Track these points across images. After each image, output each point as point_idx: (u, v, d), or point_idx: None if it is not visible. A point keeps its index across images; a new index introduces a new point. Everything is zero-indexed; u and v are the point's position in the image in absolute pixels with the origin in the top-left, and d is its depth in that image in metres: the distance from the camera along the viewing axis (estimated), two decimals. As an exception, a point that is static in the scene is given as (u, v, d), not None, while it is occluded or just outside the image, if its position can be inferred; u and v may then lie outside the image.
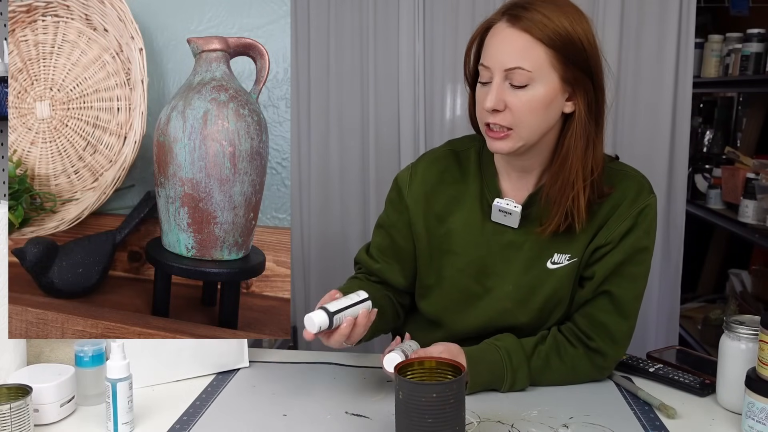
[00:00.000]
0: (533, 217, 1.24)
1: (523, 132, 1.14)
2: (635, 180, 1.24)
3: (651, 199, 1.24)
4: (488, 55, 1.15)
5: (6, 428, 0.98)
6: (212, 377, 1.28)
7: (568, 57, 1.12)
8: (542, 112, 1.14)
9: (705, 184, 3.23)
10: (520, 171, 1.24)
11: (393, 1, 2.38)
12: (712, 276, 3.67)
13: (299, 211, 2.55)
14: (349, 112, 2.47)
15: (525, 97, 1.12)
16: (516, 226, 1.24)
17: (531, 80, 1.11)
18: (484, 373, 1.18)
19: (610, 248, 1.21)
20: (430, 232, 1.29)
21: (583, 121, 1.15)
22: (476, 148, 1.31)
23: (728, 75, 3.17)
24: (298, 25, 2.45)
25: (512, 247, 1.25)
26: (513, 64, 1.11)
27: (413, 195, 1.30)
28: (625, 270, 1.22)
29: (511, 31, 1.12)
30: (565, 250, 1.23)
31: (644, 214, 1.22)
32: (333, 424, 1.10)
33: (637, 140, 2.34)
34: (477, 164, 1.29)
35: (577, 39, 1.12)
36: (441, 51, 2.38)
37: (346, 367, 1.31)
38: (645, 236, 1.23)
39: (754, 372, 1.04)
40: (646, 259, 1.24)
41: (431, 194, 1.30)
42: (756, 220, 2.73)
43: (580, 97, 1.15)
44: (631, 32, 2.31)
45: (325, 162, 2.50)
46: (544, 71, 1.12)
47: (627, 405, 1.16)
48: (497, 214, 1.24)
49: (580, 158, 1.16)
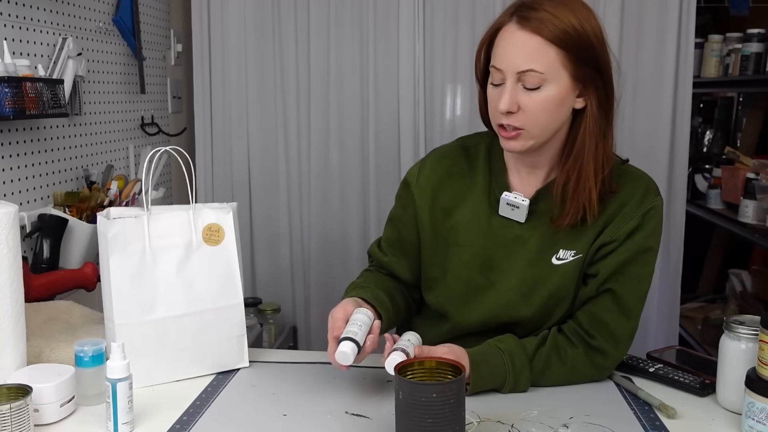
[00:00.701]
0: (541, 213, 1.25)
1: (534, 131, 1.16)
2: (643, 181, 1.25)
3: (657, 201, 1.24)
4: (500, 57, 1.16)
5: (6, 428, 0.98)
6: (212, 377, 1.28)
7: (579, 56, 1.13)
8: (555, 111, 1.15)
9: (705, 184, 3.23)
10: (529, 167, 1.26)
11: (393, 1, 2.38)
12: (712, 276, 3.67)
13: (299, 211, 2.55)
14: (349, 112, 2.47)
15: (538, 98, 1.14)
16: (523, 221, 1.25)
17: (543, 81, 1.13)
18: (487, 378, 1.18)
19: (616, 246, 1.21)
20: (436, 225, 1.31)
21: (595, 117, 1.17)
22: (486, 143, 1.32)
23: (728, 75, 3.17)
24: (298, 25, 2.45)
25: (518, 241, 1.26)
26: (525, 67, 1.12)
27: (420, 188, 1.33)
28: (630, 270, 1.22)
29: (522, 34, 1.13)
30: (571, 247, 1.23)
31: (650, 215, 1.22)
32: (333, 424, 1.10)
33: (637, 140, 2.34)
34: (486, 159, 1.31)
35: (587, 37, 1.13)
36: (441, 51, 2.38)
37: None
38: (650, 237, 1.23)
39: (754, 372, 1.04)
40: (651, 261, 1.25)
41: (438, 188, 1.32)
42: (756, 220, 2.73)
43: (591, 93, 1.16)
44: (631, 32, 2.31)
45: (325, 162, 2.50)
46: (555, 71, 1.13)
47: (627, 405, 1.16)
48: (505, 207, 1.26)
49: (592, 153, 1.18)
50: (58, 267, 1.66)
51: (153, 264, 1.24)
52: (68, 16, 1.86)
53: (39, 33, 1.73)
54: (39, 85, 1.55)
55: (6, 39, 1.57)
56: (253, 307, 2.44)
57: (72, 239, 1.70)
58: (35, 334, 1.31)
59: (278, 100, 2.50)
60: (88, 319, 1.43)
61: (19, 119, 1.57)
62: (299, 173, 2.53)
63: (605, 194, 1.21)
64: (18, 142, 1.65)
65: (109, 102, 2.09)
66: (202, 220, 1.29)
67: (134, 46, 2.18)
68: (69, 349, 1.24)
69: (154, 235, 1.24)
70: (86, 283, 1.56)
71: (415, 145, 2.41)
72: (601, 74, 1.16)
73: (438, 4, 2.37)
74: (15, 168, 1.65)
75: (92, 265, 1.57)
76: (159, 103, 2.42)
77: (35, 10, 1.72)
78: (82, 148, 1.94)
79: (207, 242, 1.28)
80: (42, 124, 1.75)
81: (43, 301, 1.48)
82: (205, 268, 1.27)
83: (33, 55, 1.71)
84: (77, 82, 1.84)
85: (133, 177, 2.17)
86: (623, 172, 1.26)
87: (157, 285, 1.24)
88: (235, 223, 1.31)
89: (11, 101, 1.47)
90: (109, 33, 2.08)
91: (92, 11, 1.98)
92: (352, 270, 2.51)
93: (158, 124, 2.38)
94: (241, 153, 2.54)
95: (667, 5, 2.27)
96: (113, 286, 1.21)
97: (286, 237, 2.57)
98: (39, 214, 1.67)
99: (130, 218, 1.23)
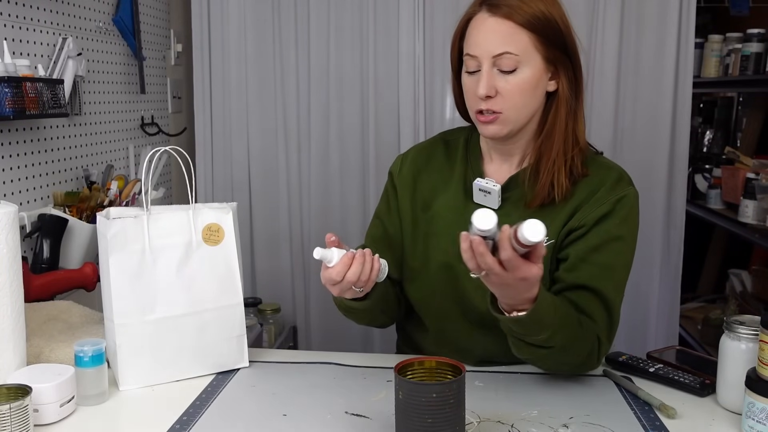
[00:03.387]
0: (515, 199, 1.26)
1: (512, 114, 1.20)
2: (615, 170, 1.28)
3: (630, 191, 1.25)
4: (474, 44, 1.20)
5: (6, 428, 0.98)
6: (212, 377, 1.28)
7: (548, 38, 1.19)
8: (530, 93, 1.20)
9: (705, 184, 3.23)
10: (504, 154, 1.29)
11: (393, 1, 2.38)
12: (712, 276, 3.67)
13: (299, 211, 2.55)
14: (349, 112, 2.47)
15: (514, 81, 1.18)
16: (496, 207, 1.25)
17: (518, 63, 1.17)
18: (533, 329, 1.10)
19: (584, 231, 1.22)
20: (416, 216, 1.34)
21: (566, 96, 1.23)
22: (465, 135, 1.37)
23: (728, 75, 3.17)
24: (298, 25, 2.45)
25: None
26: (500, 50, 1.17)
27: (402, 179, 1.37)
28: (598, 258, 1.21)
29: (494, 20, 1.18)
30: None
31: (622, 203, 1.23)
32: (333, 424, 1.10)
33: (637, 140, 2.34)
34: (464, 150, 1.35)
35: (554, 21, 1.19)
36: (441, 51, 2.38)
37: (346, 367, 1.31)
38: (621, 225, 1.23)
39: (754, 372, 1.04)
40: (622, 250, 1.24)
41: (418, 178, 1.36)
42: (756, 220, 2.72)
43: (561, 74, 1.22)
44: (631, 32, 2.31)
45: (325, 162, 2.50)
46: (529, 54, 1.18)
47: (627, 405, 1.15)
48: (478, 194, 1.28)
49: (562, 131, 1.23)
50: (58, 267, 1.66)
51: (153, 264, 1.24)
52: (68, 16, 1.86)
53: (39, 33, 1.73)
54: (39, 85, 1.55)
55: (6, 39, 1.58)
56: (253, 307, 2.44)
57: (72, 239, 1.70)
58: (35, 334, 1.31)
59: (278, 100, 2.50)
60: (87, 319, 1.43)
61: (19, 119, 1.57)
62: (299, 173, 2.53)
63: (577, 176, 1.24)
64: (18, 142, 1.66)
65: (109, 102, 2.09)
66: (202, 220, 1.29)
67: (134, 46, 2.18)
68: (69, 349, 1.24)
69: (153, 235, 1.24)
70: (86, 283, 1.57)
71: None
72: (570, 57, 1.22)
73: (438, 4, 2.37)
74: (15, 168, 1.65)
75: (92, 265, 1.57)
76: (159, 103, 2.42)
77: (35, 10, 1.72)
78: (82, 148, 1.94)
79: (207, 242, 1.28)
80: (42, 124, 1.75)
81: (43, 301, 1.48)
82: (205, 268, 1.27)
83: (33, 55, 1.71)
84: (77, 82, 1.84)
85: (133, 177, 2.17)
86: (596, 161, 1.29)
87: (157, 285, 1.24)
88: (235, 223, 1.31)
89: (11, 101, 1.47)
90: (109, 33, 2.08)
91: (92, 11, 1.98)
92: (352, 270, 2.50)
93: (158, 124, 2.38)
94: (241, 153, 2.54)
95: (667, 5, 2.27)
96: (113, 286, 1.21)
97: (286, 237, 2.57)
98: (39, 214, 1.67)
99: (130, 218, 1.23)
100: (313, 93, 2.47)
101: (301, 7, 2.44)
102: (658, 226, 2.34)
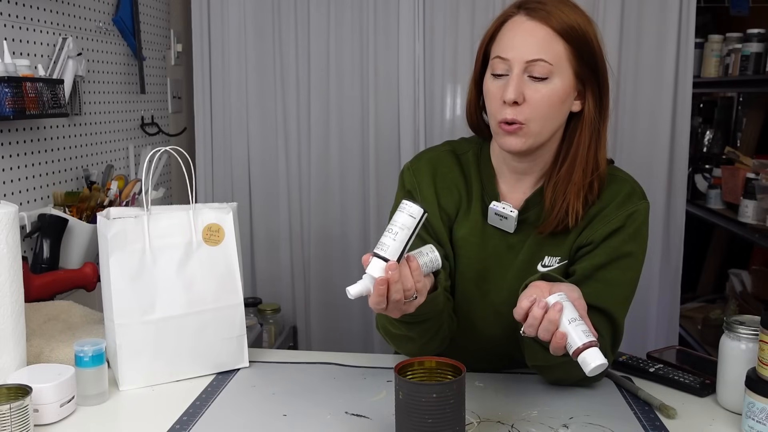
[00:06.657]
0: (531, 221, 1.23)
1: (535, 126, 1.14)
2: (626, 184, 1.24)
3: (641, 205, 1.22)
4: (507, 47, 1.14)
5: (6, 428, 0.98)
6: (212, 377, 1.28)
7: (582, 53, 1.14)
8: (558, 107, 1.15)
9: (705, 184, 3.23)
10: (518, 173, 1.24)
11: (393, 1, 2.39)
12: (712, 276, 3.67)
13: (299, 211, 2.55)
14: (349, 112, 2.47)
15: (544, 90, 1.13)
16: (512, 231, 1.23)
17: (551, 73, 1.12)
18: None
19: (592, 248, 1.20)
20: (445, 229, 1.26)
21: (592, 117, 1.17)
22: (474, 150, 1.30)
23: (728, 75, 3.17)
24: (298, 25, 2.45)
25: (510, 251, 1.24)
26: (535, 56, 1.12)
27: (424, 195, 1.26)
28: (604, 275, 1.19)
29: (532, 24, 1.13)
30: (556, 253, 1.22)
31: (633, 218, 1.20)
32: (333, 424, 1.10)
33: (637, 140, 2.34)
34: (476, 166, 1.28)
35: (589, 37, 1.15)
36: (441, 51, 2.39)
37: (346, 367, 1.31)
38: (631, 241, 1.20)
39: (754, 372, 1.04)
40: (631, 266, 1.22)
41: (440, 194, 1.26)
42: (756, 220, 2.72)
43: (589, 94, 1.17)
44: (631, 32, 2.31)
45: (325, 162, 2.51)
46: (562, 65, 1.13)
47: (627, 405, 1.15)
48: (494, 217, 1.23)
49: (584, 156, 1.18)
50: (58, 267, 1.66)
51: (153, 264, 1.24)
52: (68, 16, 1.86)
53: (39, 33, 1.73)
54: (39, 85, 1.55)
55: (6, 39, 1.58)
56: (253, 307, 2.44)
57: (72, 239, 1.70)
58: (35, 334, 1.31)
59: (278, 100, 2.50)
60: (87, 319, 1.43)
61: (19, 119, 1.57)
62: (299, 173, 2.53)
63: (591, 202, 1.20)
64: (18, 142, 1.66)
65: (109, 102, 2.09)
66: (202, 220, 1.29)
67: (134, 46, 2.18)
68: (69, 349, 1.24)
69: (154, 235, 1.24)
70: (86, 283, 1.56)
71: (415, 145, 2.41)
72: (598, 78, 1.17)
73: (438, 4, 2.37)
74: (15, 168, 1.65)
75: (92, 265, 1.57)
76: (159, 103, 2.42)
77: (35, 10, 1.72)
78: (82, 148, 1.94)
79: (207, 242, 1.28)
80: (42, 124, 1.75)
81: (43, 301, 1.48)
82: (205, 268, 1.27)
83: (33, 55, 1.71)
84: (77, 82, 1.84)
85: (133, 177, 2.17)
86: (608, 175, 1.23)
87: (157, 285, 1.24)
88: (235, 223, 1.31)
89: (11, 101, 1.47)
90: (109, 33, 2.08)
91: (92, 11, 1.98)
92: (351, 270, 2.51)
93: (158, 124, 2.38)
94: (241, 153, 2.54)
95: (667, 5, 2.27)
96: (113, 286, 1.21)
97: (286, 237, 2.57)
98: (39, 214, 1.67)
99: (130, 218, 1.23)
100: (313, 93, 2.48)
101: (301, 8, 2.44)
102: (658, 226, 2.34)
